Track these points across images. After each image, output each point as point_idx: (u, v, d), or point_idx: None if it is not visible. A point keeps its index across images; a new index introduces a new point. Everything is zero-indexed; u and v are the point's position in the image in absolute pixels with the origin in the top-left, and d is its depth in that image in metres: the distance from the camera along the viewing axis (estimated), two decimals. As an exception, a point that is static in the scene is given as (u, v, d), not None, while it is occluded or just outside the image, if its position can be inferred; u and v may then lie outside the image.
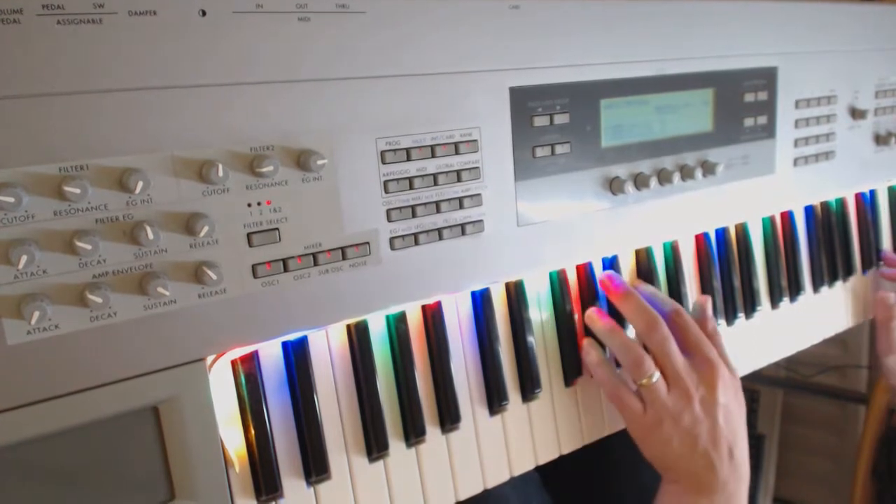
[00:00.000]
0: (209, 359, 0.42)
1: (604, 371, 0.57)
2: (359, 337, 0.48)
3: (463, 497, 0.53)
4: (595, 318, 0.58)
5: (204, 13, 0.37)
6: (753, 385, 1.17)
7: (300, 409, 0.46)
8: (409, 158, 0.46)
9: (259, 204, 0.41)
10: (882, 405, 1.03)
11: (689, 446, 0.54)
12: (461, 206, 0.49)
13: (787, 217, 0.75)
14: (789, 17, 0.65)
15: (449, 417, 0.52)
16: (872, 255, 0.83)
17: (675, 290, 0.65)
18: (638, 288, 0.61)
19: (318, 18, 0.41)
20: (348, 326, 0.48)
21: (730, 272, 0.69)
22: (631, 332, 0.59)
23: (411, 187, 0.46)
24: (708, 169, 0.61)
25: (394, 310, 0.49)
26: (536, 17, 0.49)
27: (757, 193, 0.67)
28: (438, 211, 0.48)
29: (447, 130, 0.47)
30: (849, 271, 0.82)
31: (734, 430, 0.56)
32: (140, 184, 0.36)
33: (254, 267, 0.41)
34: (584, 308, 0.60)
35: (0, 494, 0.37)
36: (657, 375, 0.55)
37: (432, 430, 0.52)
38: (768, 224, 0.73)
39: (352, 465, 0.49)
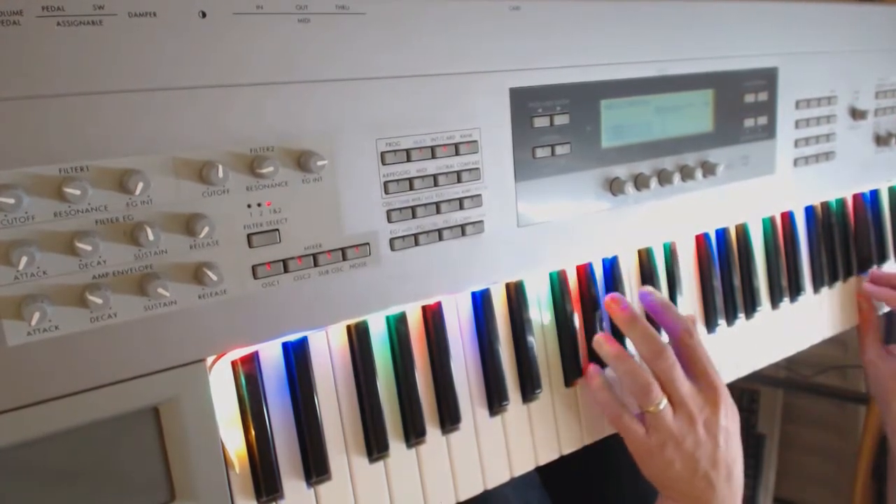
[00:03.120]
0: (209, 359, 0.42)
1: (606, 396, 0.57)
2: (359, 337, 0.48)
3: (463, 498, 0.53)
4: (602, 342, 0.58)
5: (204, 14, 0.37)
6: (753, 385, 1.17)
7: (300, 410, 0.46)
8: (409, 159, 0.46)
9: (259, 205, 0.41)
10: (882, 405, 1.03)
11: (691, 469, 0.55)
12: (461, 207, 0.49)
13: (788, 217, 0.75)
14: (789, 18, 0.65)
15: (449, 418, 0.52)
16: (873, 256, 0.83)
17: (674, 291, 0.65)
18: (650, 297, 0.60)
19: (318, 20, 0.41)
20: (348, 327, 0.48)
21: (730, 272, 0.69)
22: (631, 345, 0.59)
23: (411, 188, 0.46)
24: (708, 169, 0.61)
25: (394, 310, 0.49)
26: (537, 17, 0.49)
27: (757, 194, 0.67)
28: (438, 212, 0.48)
29: (447, 131, 0.47)
30: (849, 272, 0.82)
31: (733, 453, 0.56)
32: (140, 185, 0.36)
33: (254, 268, 0.41)
34: (584, 308, 0.60)
35: (1, 495, 0.37)
36: (664, 402, 0.55)
37: (432, 431, 0.52)
38: (768, 224, 0.73)
39: (352, 466, 0.49)
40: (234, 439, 0.44)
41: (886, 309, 0.84)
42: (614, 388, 0.58)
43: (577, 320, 0.59)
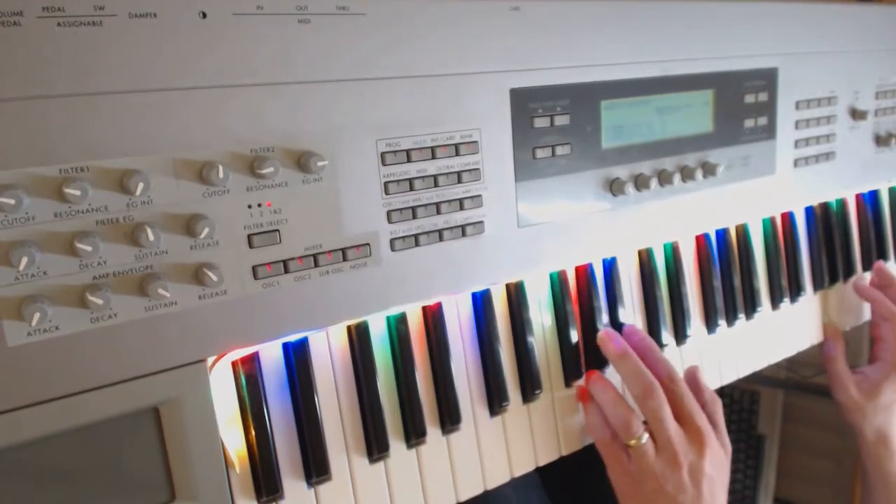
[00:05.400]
0: (210, 360, 0.42)
1: (596, 419, 0.57)
2: (359, 338, 0.48)
3: (463, 498, 0.53)
4: (594, 379, 0.58)
5: (204, 15, 0.37)
6: (753, 385, 1.17)
7: (301, 411, 0.46)
8: (409, 160, 0.46)
9: (259, 205, 0.41)
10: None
11: None
12: (461, 208, 0.49)
13: (788, 218, 0.75)
14: (789, 18, 0.65)
15: (449, 418, 0.52)
16: (873, 256, 0.83)
17: (675, 291, 0.65)
18: (634, 338, 0.60)
19: (318, 20, 0.41)
20: (349, 327, 0.48)
21: (730, 273, 0.69)
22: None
23: (412, 188, 0.46)
24: (708, 170, 0.61)
25: (394, 311, 0.49)
26: (537, 18, 0.49)
27: (757, 194, 0.67)
28: (439, 212, 0.48)
29: (447, 132, 0.47)
30: (849, 272, 0.82)
31: (717, 502, 0.56)
32: (140, 185, 0.36)
33: (254, 268, 0.41)
34: (584, 309, 0.60)
35: (1, 495, 0.37)
36: (645, 437, 0.55)
37: (433, 431, 0.52)
38: (769, 225, 0.73)
39: (352, 466, 0.49)
40: (234, 439, 0.44)
41: (860, 321, 0.83)
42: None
43: (577, 321, 0.59)
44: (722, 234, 0.69)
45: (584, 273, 0.60)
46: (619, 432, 0.56)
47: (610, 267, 0.61)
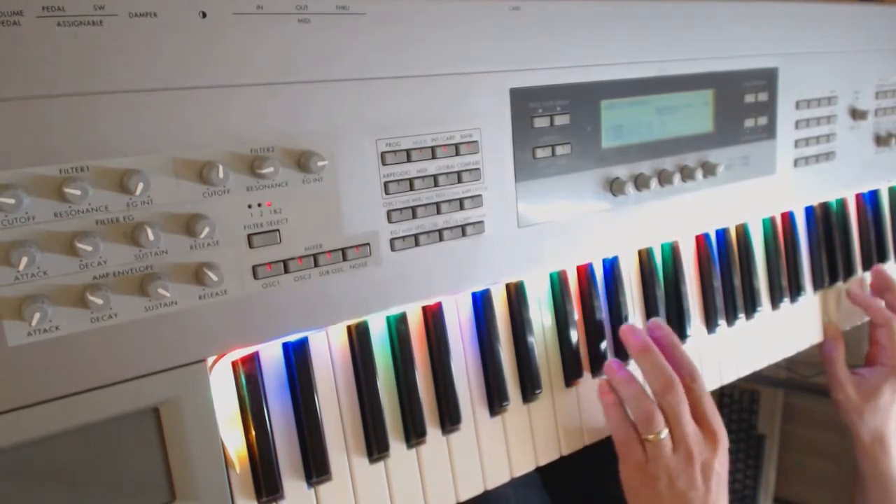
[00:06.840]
0: (210, 360, 0.42)
1: (617, 414, 0.57)
2: (359, 338, 0.48)
3: (463, 498, 0.53)
4: (613, 369, 0.58)
5: (204, 15, 0.37)
6: (753, 385, 1.17)
7: (301, 410, 0.46)
8: (409, 159, 0.46)
9: (259, 205, 0.41)
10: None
11: None
12: (461, 207, 0.49)
13: (788, 218, 0.75)
14: (790, 18, 0.65)
15: (449, 418, 0.52)
16: (873, 256, 0.83)
17: (675, 291, 0.65)
18: (658, 333, 0.60)
19: (318, 20, 0.41)
20: (349, 327, 0.48)
21: (730, 272, 0.69)
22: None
23: (412, 188, 0.46)
24: (708, 170, 0.61)
25: (394, 311, 0.49)
26: (537, 17, 0.49)
27: (757, 194, 0.67)
28: (439, 212, 0.48)
29: (448, 131, 0.47)
30: (849, 272, 0.82)
31: (722, 501, 0.57)
32: (140, 185, 0.36)
33: (254, 268, 0.41)
34: (584, 308, 0.60)
35: (1, 495, 0.37)
36: (665, 433, 0.55)
37: (433, 431, 0.52)
38: (769, 225, 0.73)
39: (352, 466, 0.49)
40: (234, 439, 0.44)
41: (861, 321, 0.83)
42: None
43: (577, 321, 0.59)
44: (722, 234, 0.69)
45: (585, 273, 0.60)
46: (640, 426, 0.56)
47: (610, 267, 0.61)
